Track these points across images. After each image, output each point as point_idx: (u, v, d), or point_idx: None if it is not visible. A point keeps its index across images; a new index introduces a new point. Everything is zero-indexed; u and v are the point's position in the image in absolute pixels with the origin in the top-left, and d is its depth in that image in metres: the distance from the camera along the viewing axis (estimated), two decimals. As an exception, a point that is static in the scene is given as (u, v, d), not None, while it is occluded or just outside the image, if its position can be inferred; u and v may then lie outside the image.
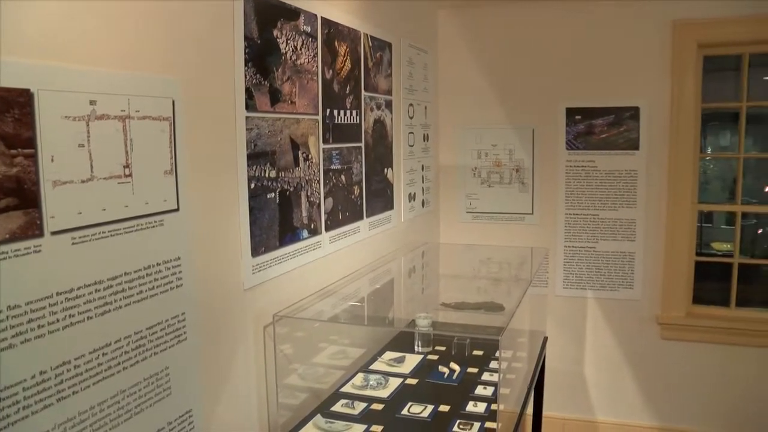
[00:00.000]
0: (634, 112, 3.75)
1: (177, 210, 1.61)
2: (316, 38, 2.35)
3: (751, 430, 3.81)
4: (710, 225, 4.67)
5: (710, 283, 3.97)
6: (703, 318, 3.83)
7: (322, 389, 2.48)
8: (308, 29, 2.29)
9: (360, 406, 2.32)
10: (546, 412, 3.74)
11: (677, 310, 3.81)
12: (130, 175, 1.44)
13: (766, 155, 4.05)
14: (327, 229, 2.49)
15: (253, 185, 1.97)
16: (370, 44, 2.89)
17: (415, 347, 2.90)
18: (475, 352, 2.86)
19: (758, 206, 4.08)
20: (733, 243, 3.87)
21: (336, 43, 2.53)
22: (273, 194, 2.09)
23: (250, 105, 1.93)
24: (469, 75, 3.97)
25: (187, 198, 1.65)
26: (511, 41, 3.89)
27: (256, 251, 2.01)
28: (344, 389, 2.48)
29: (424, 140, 3.71)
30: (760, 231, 4.33)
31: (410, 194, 3.49)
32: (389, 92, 3.15)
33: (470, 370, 2.65)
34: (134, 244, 1.47)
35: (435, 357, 2.82)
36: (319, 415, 2.22)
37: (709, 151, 4.37)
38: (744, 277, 3.93)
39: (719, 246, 4.49)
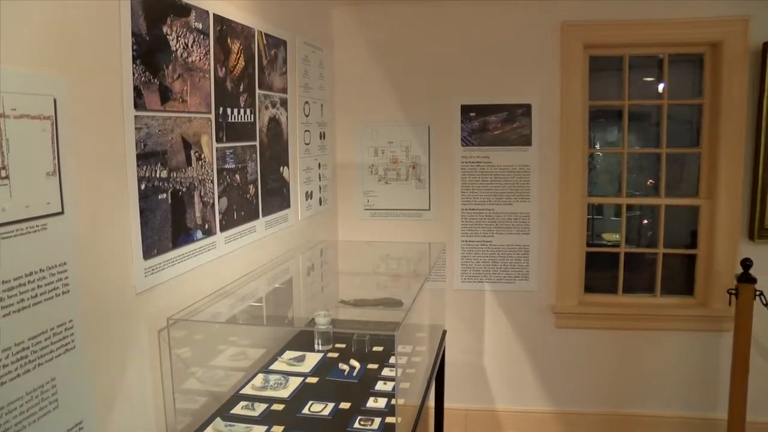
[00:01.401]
0: (526, 109, 3.89)
1: (62, 213, 1.54)
2: (208, 35, 2.30)
3: (641, 406, 4.09)
4: (601, 217, 4.91)
5: (602, 271, 4.18)
6: (594, 306, 4.05)
7: (222, 392, 2.44)
8: (200, 26, 2.23)
9: (260, 407, 2.30)
10: (448, 404, 3.83)
11: (570, 300, 4.00)
12: (6, 177, 1.36)
13: (648, 150, 4.29)
14: (222, 229, 2.45)
15: (143, 186, 1.91)
16: (265, 42, 2.86)
17: (315, 345, 2.90)
18: (375, 348, 2.89)
19: (641, 198, 4.32)
20: (624, 234, 4.10)
21: (229, 40, 2.48)
22: (165, 195, 2.03)
23: (139, 103, 1.87)
24: (365, 72, 4.00)
25: (72, 200, 1.57)
26: (406, 39, 3.95)
27: (148, 254, 1.94)
28: (244, 391, 2.45)
29: (320, 138, 3.70)
30: (645, 221, 4.57)
31: (307, 192, 3.48)
32: (284, 90, 3.12)
33: (370, 366, 2.68)
34: (14, 251, 1.39)
35: (335, 355, 2.83)
36: (218, 419, 2.19)
37: (597, 146, 4.58)
38: (630, 265, 4.17)
39: (609, 237, 4.71)
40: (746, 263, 3.59)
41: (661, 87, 4.02)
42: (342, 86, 4.01)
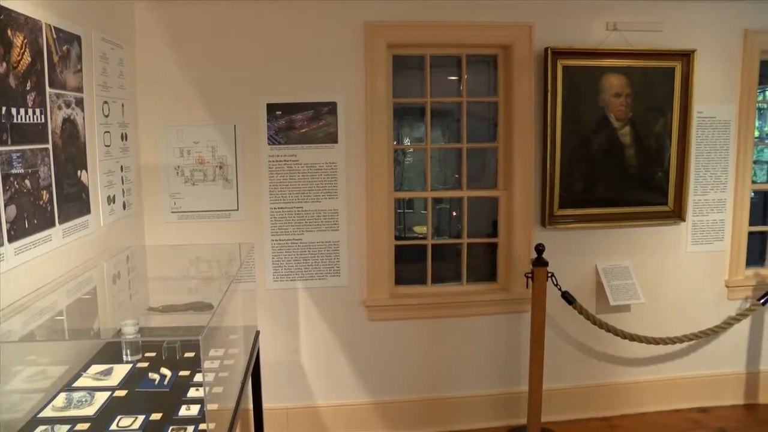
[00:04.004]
0: (332, 107, 3.97)
1: None
2: (-15, 28, 2.11)
3: (454, 389, 4.35)
4: (412, 211, 5.10)
5: (413, 263, 4.36)
6: (404, 297, 4.22)
7: (16, 418, 2.24)
8: (-26, 18, 2.04)
9: (62, 430, 2.15)
10: (268, 404, 3.83)
11: (381, 293, 4.14)
12: None
13: (449, 146, 4.52)
14: (11, 239, 2.26)
15: None
16: (55, 36, 2.66)
17: (124, 357, 2.77)
18: (187, 354, 2.82)
19: (445, 191, 4.56)
20: (430, 226, 4.32)
21: (9, 32, 2.28)
22: (-61, 205, 1.84)
23: None
24: (168, 71, 3.85)
25: None
26: (211, 37, 3.86)
27: None
28: (43, 414, 2.28)
29: (122, 140, 3.52)
30: (454, 213, 4.81)
31: (109, 197, 3.30)
32: (80, 89, 2.93)
33: (182, 373, 2.61)
34: None
35: (145, 364, 2.72)
36: (12, 447, 2.02)
37: (407, 142, 4.76)
38: (440, 256, 4.41)
39: (420, 229, 4.88)
40: (539, 248, 3.95)
41: (461, 85, 4.28)
42: (145, 85, 3.83)
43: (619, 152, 4.26)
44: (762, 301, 4.25)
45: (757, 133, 4.63)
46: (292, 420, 4.19)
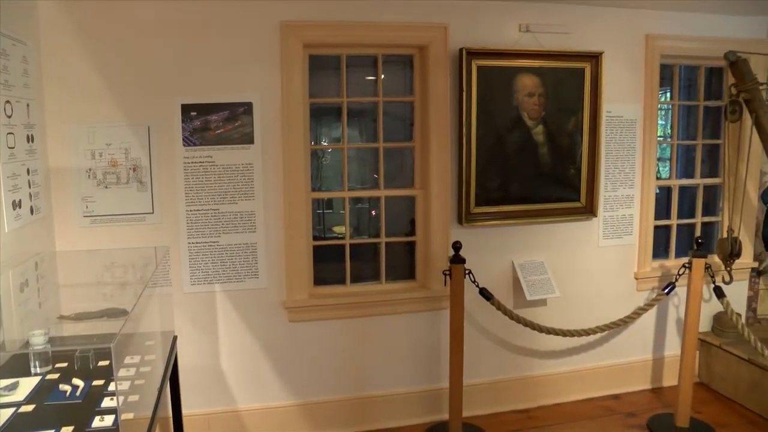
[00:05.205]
0: (247, 108, 3.92)
1: None
2: None
3: (376, 387, 4.39)
4: (331, 211, 5.10)
5: (333, 263, 4.36)
6: (324, 297, 4.22)
7: None
8: None
9: (-41, 452, 2.05)
10: (188, 410, 3.77)
11: (300, 294, 4.13)
12: None
13: (366, 145, 4.54)
14: None
15: None
16: (-51, 33, 2.53)
17: (32, 369, 2.65)
18: (101, 363, 2.72)
19: (362, 191, 4.58)
20: (350, 226, 4.35)
21: None
22: None
23: None
24: (78, 70, 3.70)
25: None
26: (123, 36, 3.74)
27: None
28: (-64, 437, 2.17)
29: (28, 141, 3.37)
30: (374, 213, 4.84)
31: (15, 201, 3.15)
32: (-21, 88, 2.80)
33: (96, 382, 2.52)
34: None
35: (56, 375, 2.61)
36: None
37: (326, 142, 4.75)
38: (360, 256, 4.42)
39: (340, 229, 4.89)
40: (456, 246, 4.03)
41: (377, 85, 4.31)
42: (53, 84, 3.66)
43: (533, 150, 4.39)
44: (666, 291, 4.46)
45: (660, 132, 4.87)
46: (214, 426, 4.13)
